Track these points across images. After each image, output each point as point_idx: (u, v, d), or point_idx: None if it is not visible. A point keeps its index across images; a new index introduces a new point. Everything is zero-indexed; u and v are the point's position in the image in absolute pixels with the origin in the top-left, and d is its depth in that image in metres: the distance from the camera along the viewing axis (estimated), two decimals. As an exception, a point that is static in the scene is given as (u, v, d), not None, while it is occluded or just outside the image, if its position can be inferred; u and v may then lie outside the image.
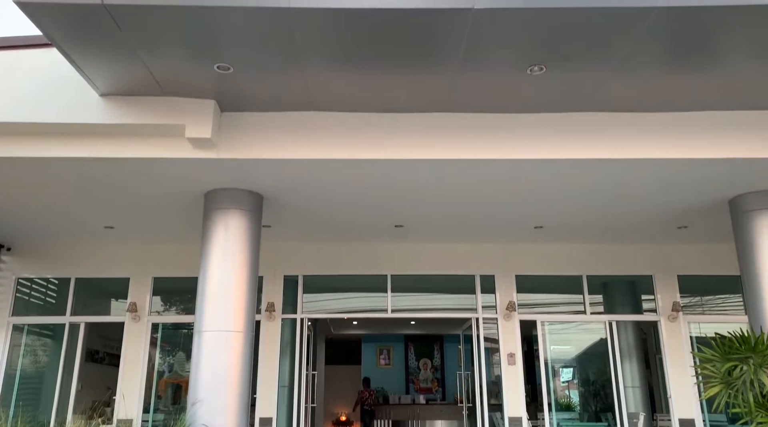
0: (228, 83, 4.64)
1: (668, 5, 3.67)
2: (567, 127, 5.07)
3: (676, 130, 5.07)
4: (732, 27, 3.90)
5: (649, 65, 4.38)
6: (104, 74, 4.49)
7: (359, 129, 5.11)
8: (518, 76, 4.54)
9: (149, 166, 5.20)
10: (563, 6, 3.76)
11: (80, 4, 3.62)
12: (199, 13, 3.79)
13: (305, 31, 4.02)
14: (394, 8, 3.85)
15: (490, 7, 3.82)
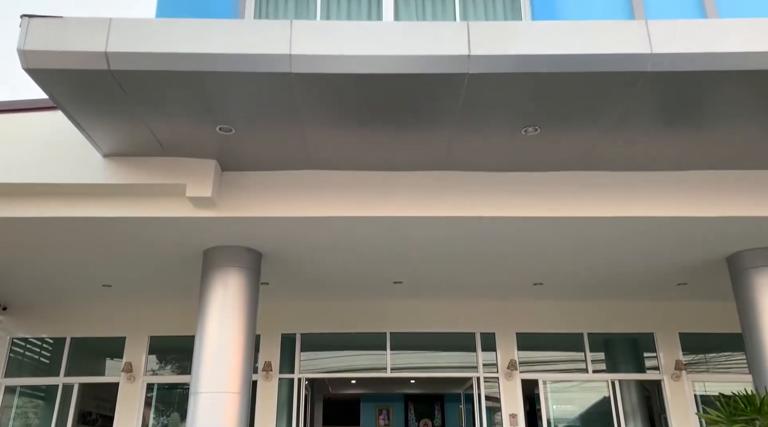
0: (229, 144, 4.73)
1: (656, 70, 3.79)
2: (563, 186, 5.14)
3: (670, 189, 5.13)
4: (720, 90, 4.02)
5: (643, 126, 4.48)
6: (108, 136, 4.58)
7: (358, 187, 5.17)
8: (514, 137, 4.63)
9: (150, 225, 5.23)
10: (554, 71, 3.88)
11: (88, 70, 3.73)
12: (202, 77, 3.90)
13: (305, 94, 4.13)
14: (392, 73, 3.98)
15: (484, 72, 3.94)
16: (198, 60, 3.82)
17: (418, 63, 3.97)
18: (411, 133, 4.62)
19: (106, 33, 3.69)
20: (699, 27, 3.78)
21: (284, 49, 3.91)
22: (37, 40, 3.63)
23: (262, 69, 3.91)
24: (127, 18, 3.76)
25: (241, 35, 3.91)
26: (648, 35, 3.76)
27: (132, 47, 3.72)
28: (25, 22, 3.63)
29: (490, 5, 5.71)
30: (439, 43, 3.98)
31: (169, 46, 3.78)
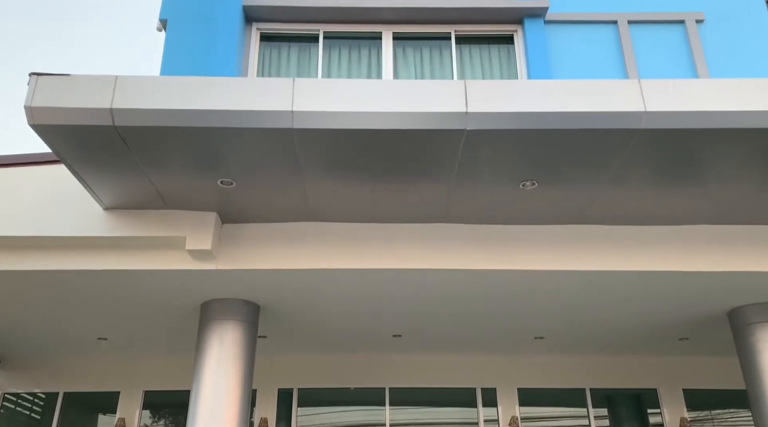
0: (230, 197, 4.77)
1: (650, 127, 3.87)
2: (562, 240, 5.15)
3: (668, 244, 5.15)
4: (714, 147, 4.08)
5: (639, 181, 4.53)
6: (110, 189, 4.62)
7: (358, 239, 5.18)
8: (512, 191, 4.68)
9: (148, 277, 5.21)
10: (550, 127, 3.95)
11: (92, 126, 3.80)
12: (205, 133, 3.97)
13: (306, 149, 4.19)
14: (391, 129, 4.05)
15: (481, 129, 4.01)
16: (201, 116, 3.90)
17: (417, 119, 4.05)
18: (410, 187, 4.66)
19: (111, 90, 3.78)
20: (691, 86, 3.87)
21: (286, 105, 3.99)
22: (44, 97, 3.72)
23: (265, 125, 3.99)
24: (133, 76, 3.86)
25: (244, 92, 4.00)
26: (641, 94, 3.86)
27: (136, 104, 3.81)
28: (33, 80, 3.72)
29: (486, 65, 5.86)
30: (437, 100, 4.07)
31: (173, 103, 3.86)
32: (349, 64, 6.04)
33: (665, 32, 5.65)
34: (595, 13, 5.78)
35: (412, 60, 6.01)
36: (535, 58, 5.53)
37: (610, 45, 5.64)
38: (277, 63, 6.03)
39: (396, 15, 5.99)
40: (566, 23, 5.78)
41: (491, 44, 6.03)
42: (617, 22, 5.69)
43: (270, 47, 6.11)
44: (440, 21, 5.99)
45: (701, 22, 5.65)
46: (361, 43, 6.09)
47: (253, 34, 6.01)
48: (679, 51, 5.55)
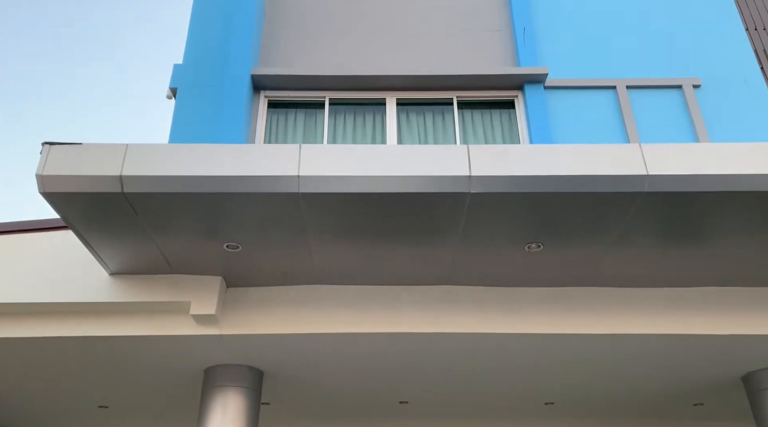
0: (236, 260, 4.78)
1: (653, 190, 3.90)
2: (569, 302, 5.11)
3: (677, 306, 5.09)
4: (717, 209, 4.11)
5: (645, 243, 4.53)
6: (116, 255, 4.64)
7: (363, 303, 5.15)
8: (516, 253, 4.68)
9: (151, 343, 5.16)
10: (553, 191, 3.99)
11: (102, 193, 3.86)
12: (213, 198, 4.02)
13: (312, 212, 4.24)
14: (396, 192, 4.10)
15: (485, 192, 4.06)
16: (209, 182, 3.97)
17: (421, 183, 4.10)
18: (416, 249, 4.67)
19: (122, 158, 3.86)
20: (691, 150, 3.93)
21: (293, 170, 4.07)
22: (56, 166, 3.80)
23: (272, 189, 4.05)
24: (142, 144, 3.95)
25: (251, 158, 4.09)
26: (643, 158, 3.91)
27: (145, 171, 3.88)
28: (45, 149, 3.81)
29: (488, 129, 5.99)
30: (441, 164, 4.14)
31: (182, 170, 3.94)
32: (354, 130, 6.17)
33: (663, 97, 5.79)
34: (593, 79, 5.94)
35: (415, 125, 6.14)
36: (536, 122, 5.65)
37: (609, 109, 5.76)
38: (284, 129, 6.17)
39: (400, 82, 6.16)
40: (566, 88, 5.93)
41: (493, 109, 6.17)
42: (616, 87, 5.84)
43: (277, 113, 6.26)
44: (442, 87, 6.16)
45: (698, 87, 5.80)
46: (366, 108, 6.24)
47: (261, 101, 6.17)
48: (678, 115, 5.67)
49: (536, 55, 6.10)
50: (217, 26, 6.49)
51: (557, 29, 6.30)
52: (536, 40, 6.22)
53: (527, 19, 6.31)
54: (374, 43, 6.43)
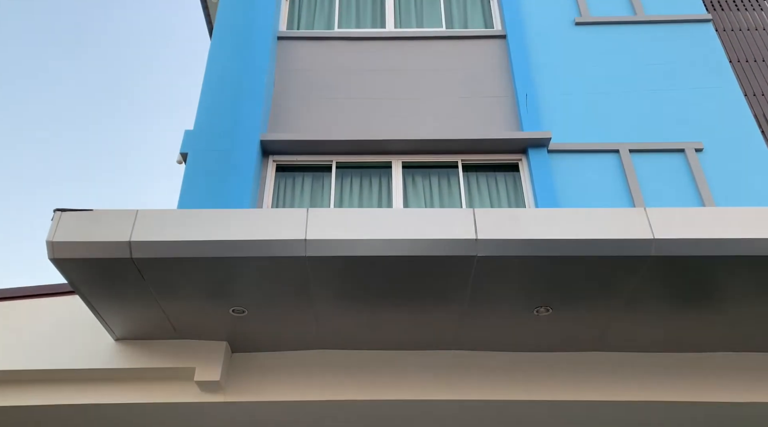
0: (241, 325, 4.74)
1: (660, 255, 3.90)
2: (580, 368, 5.00)
3: (689, 372, 4.97)
4: (724, 273, 4.09)
5: (654, 307, 4.49)
6: (122, 320, 4.63)
7: (369, 368, 5.07)
8: (525, 317, 4.63)
9: (155, 411, 5.06)
10: (560, 254, 4.00)
11: (110, 258, 3.89)
12: (220, 263, 4.05)
13: (318, 276, 4.24)
14: (402, 255, 4.12)
15: (492, 255, 4.07)
16: (217, 247, 4.00)
17: (428, 246, 4.12)
18: (422, 313, 4.64)
19: (131, 224, 3.91)
20: (697, 214, 3.96)
21: (300, 234, 4.10)
22: (66, 232, 3.84)
23: (279, 253, 4.07)
24: (152, 209, 4.01)
25: (259, 223, 4.13)
26: (648, 222, 3.93)
27: (154, 236, 3.92)
28: (57, 216, 3.87)
29: (494, 192, 6.04)
30: (447, 227, 4.17)
31: (190, 235, 3.98)
32: (361, 193, 6.24)
33: (667, 160, 5.86)
34: (596, 142, 6.03)
35: (421, 188, 6.21)
36: (540, 185, 5.70)
37: (613, 173, 5.83)
38: (291, 192, 6.25)
39: (405, 146, 6.27)
40: (569, 152, 6.01)
41: (497, 172, 6.25)
42: (619, 151, 5.92)
43: (285, 177, 6.36)
44: (447, 151, 6.26)
45: (701, 151, 5.87)
46: (372, 172, 6.34)
47: (270, 165, 6.28)
48: (681, 178, 5.72)
49: (539, 120, 6.23)
50: (228, 93, 6.68)
51: (559, 94, 6.45)
52: (539, 104, 6.36)
53: (529, 84, 6.47)
54: (380, 108, 6.59)
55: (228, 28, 7.36)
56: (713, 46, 6.69)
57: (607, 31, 6.88)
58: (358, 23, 7.28)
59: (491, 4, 7.34)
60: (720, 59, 6.59)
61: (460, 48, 6.94)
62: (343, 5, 7.41)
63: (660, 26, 6.86)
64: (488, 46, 6.94)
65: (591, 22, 6.94)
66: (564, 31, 6.93)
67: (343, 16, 7.32)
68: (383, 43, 7.01)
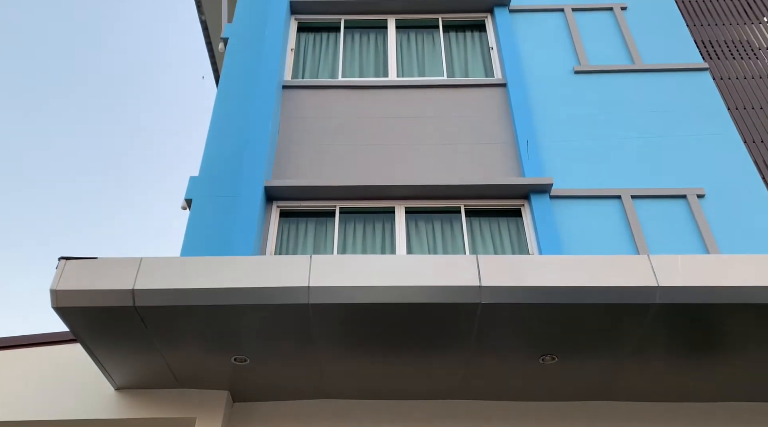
0: (243, 374, 4.69)
1: (665, 302, 3.88)
2: (587, 417, 4.91)
3: (700, 422, 4.87)
4: (731, 321, 4.06)
5: (660, 356, 4.44)
6: (123, 369, 4.58)
7: (372, 418, 4.98)
8: (531, 365, 4.57)
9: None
10: (564, 302, 3.98)
11: (114, 307, 3.88)
12: (223, 311, 4.03)
13: (322, 324, 4.22)
14: (406, 303, 4.10)
15: (496, 302, 4.05)
16: (220, 294, 3.99)
17: (432, 293, 4.11)
18: (427, 361, 4.59)
19: (135, 271, 3.92)
20: (700, 262, 3.95)
21: (303, 281, 4.10)
22: (70, 281, 3.85)
23: (282, 301, 4.07)
24: (156, 257, 4.02)
25: (262, 270, 4.13)
26: (652, 269, 3.92)
27: (157, 284, 3.92)
28: (61, 264, 3.88)
29: (497, 237, 6.05)
30: (450, 274, 4.16)
31: (193, 282, 3.98)
32: (364, 238, 6.25)
33: (669, 206, 5.87)
34: (598, 188, 6.07)
35: (424, 233, 6.22)
36: (543, 231, 5.71)
37: (616, 218, 5.84)
38: (295, 238, 6.26)
39: (408, 192, 6.31)
40: (571, 198, 6.04)
41: (500, 217, 6.26)
42: (621, 196, 5.94)
43: (289, 223, 6.38)
44: (450, 196, 6.29)
45: (702, 197, 5.89)
46: (375, 217, 6.36)
47: (274, 211, 6.31)
48: (684, 224, 5.72)
49: (541, 166, 6.28)
50: (233, 140, 6.77)
51: (560, 140, 6.52)
52: (540, 151, 6.42)
53: (530, 131, 6.55)
54: (383, 154, 6.66)
55: (234, 76, 7.51)
56: (711, 93, 6.79)
57: (606, 79, 7.00)
58: (362, 72, 7.43)
59: (491, 53, 7.50)
60: (718, 106, 6.68)
61: (462, 96, 7.05)
62: (347, 55, 7.58)
63: (658, 74, 6.98)
64: (489, 94, 7.05)
65: (590, 71, 7.08)
66: (563, 79, 7.05)
67: (347, 65, 7.48)
68: (386, 92, 7.13)
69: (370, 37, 7.75)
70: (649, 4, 7.79)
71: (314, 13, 7.85)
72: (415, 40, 7.71)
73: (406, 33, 7.76)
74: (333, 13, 7.82)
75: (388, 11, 7.81)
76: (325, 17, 7.84)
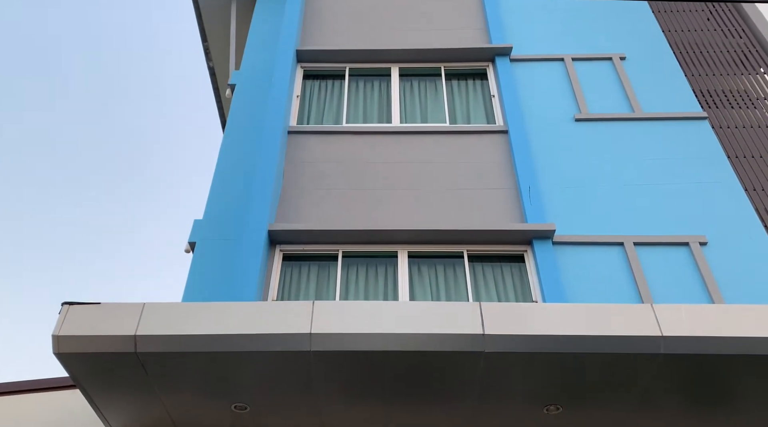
0: (243, 422, 4.62)
1: (670, 352, 3.85)
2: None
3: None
4: (737, 372, 4.01)
5: (670, 405, 4.38)
6: (122, 414, 4.52)
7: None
8: (535, 416, 4.51)
9: None
10: (568, 351, 3.95)
11: (115, 352, 3.86)
12: (224, 357, 4.01)
13: (323, 371, 4.19)
14: (409, 351, 4.07)
15: (500, 351, 4.02)
16: (222, 341, 3.98)
17: (435, 341, 4.09)
18: (430, 410, 4.53)
19: (138, 317, 3.91)
20: (704, 311, 3.94)
21: (305, 328, 4.08)
22: (72, 326, 3.84)
23: (283, 348, 4.04)
24: (159, 303, 4.02)
25: (264, 316, 4.13)
26: (656, 318, 3.91)
27: (159, 330, 3.91)
28: (64, 309, 3.88)
29: (500, 283, 6.04)
30: (453, 322, 4.15)
31: (195, 329, 3.97)
32: (366, 282, 6.24)
33: (672, 254, 5.87)
34: (601, 235, 6.08)
35: (427, 278, 6.21)
36: (546, 277, 5.70)
37: (619, 265, 5.83)
38: (297, 282, 6.25)
39: (411, 236, 6.33)
40: (574, 244, 6.05)
41: (503, 263, 6.26)
42: (623, 243, 5.95)
43: (291, 266, 6.38)
44: (453, 241, 6.31)
45: (705, 245, 5.90)
46: (378, 261, 6.36)
47: (277, 254, 6.32)
48: (687, 272, 5.71)
49: (543, 212, 6.31)
50: (238, 184, 6.84)
51: (562, 187, 6.57)
52: (542, 197, 6.46)
53: (532, 177, 6.60)
54: (386, 199, 6.70)
55: (240, 121, 7.64)
56: (711, 142, 6.87)
57: (606, 127, 7.09)
58: (366, 119, 7.56)
59: (493, 101, 7.63)
60: (718, 155, 6.75)
61: (464, 142, 7.15)
62: (352, 102, 7.72)
63: (658, 123, 7.07)
64: (491, 141, 7.14)
65: (590, 119, 7.18)
66: (564, 126, 7.15)
67: (351, 111, 7.60)
68: (389, 137, 7.24)
69: (374, 84, 7.91)
70: (647, 54, 7.95)
71: (320, 62, 8.04)
72: (418, 88, 7.87)
73: (410, 81, 7.92)
74: (338, 61, 8.01)
75: (392, 60, 7.99)
76: (331, 65, 8.02)
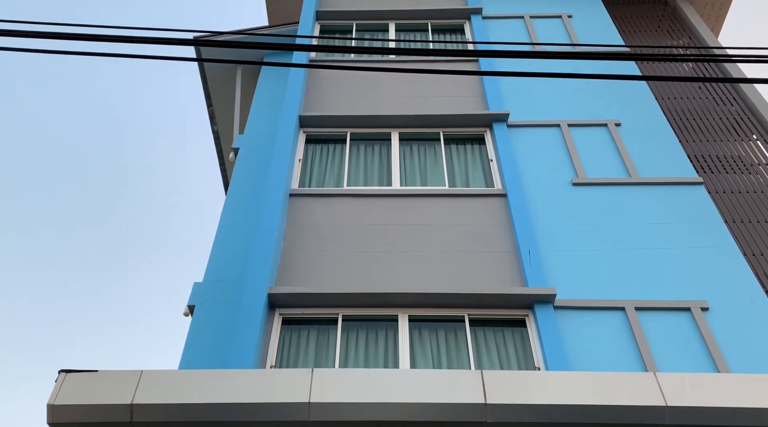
0: (238, 495, 4.48)
1: (674, 424, 3.78)
2: None
3: None
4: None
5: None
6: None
7: None
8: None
9: None
10: (572, 421, 3.88)
11: (112, 422, 3.79)
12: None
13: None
14: (410, 421, 4.00)
15: (502, 421, 3.95)
16: (219, 410, 3.91)
17: (436, 411, 4.02)
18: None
19: (135, 385, 3.86)
20: (708, 381, 3.88)
21: (304, 397, 4.02)
22: (68, 395, 3.78)
23: (281, 418, 3.97)
24: (156, 370, 3.97)
25: (262, 384, 4.07)
26: (660, 388, 3.85)
27: (156, 399, 3.85)
28: (61, 377, 3.83)
29: (502, 348, 5.97)
30: (454, 390, 4.08)
31: (192, 397, 3.90)
32: (367, 347, 6.17)
33: (674, 319, 5.84)
34: (602, 299, 6.06)
35: (428, 342, 6.15)
36: (548, 342, 5.65)
37: (620, 330, 5.79)
38: (296, 346, 6.19)
39: (411, 300, 6.31)
40: (576, 309, 6.02)
41: (505, 327, 6.22)
42: (625, 308, 5.93)
43: (291, 330, 6.33)
44: (453, 305, 6.28)
45: (707, 310, 5.87)
46: (378, 325, 6.31)
47: (276, 318, 6.29)
48: (690, 338, 5.66)
49: (543, 276, 6.31)
50: (239, 247, 6.88)
51: (561, 251, 6.60)
52: (542, 261, 6.48)
53: (531, 241, 6.64)
54: (386, 262, 6.72)
55: (243, 184, 7.76)
56: (707, 206, 6.94)
57: (604, 191, 7.19)
58: (366, 182, 7.68)
59: (491, 165, 7.76)
60: (715, 219, 6.81)
61: (463, 205, 7.23)
62: (352, 166, 7.85)
63: (655, 187, 7.18)
64: (490, 204, 7.22)
65: (588, 183, 7.29)
66: (562, 190, 7.25)
67: (352, 175, 7.73)
68: (389, 200, 7.32)
69: (374, 148, 8.07)
70: (641, 120, 8.15)
71: (322, 127, 8.24)
72: (417, 152, 8.02)
73: (409, 145, 8.09)
74: (340, 126, 8.21)
75: (392, 125, 8.19)
76: (332, 130, 8.22)
